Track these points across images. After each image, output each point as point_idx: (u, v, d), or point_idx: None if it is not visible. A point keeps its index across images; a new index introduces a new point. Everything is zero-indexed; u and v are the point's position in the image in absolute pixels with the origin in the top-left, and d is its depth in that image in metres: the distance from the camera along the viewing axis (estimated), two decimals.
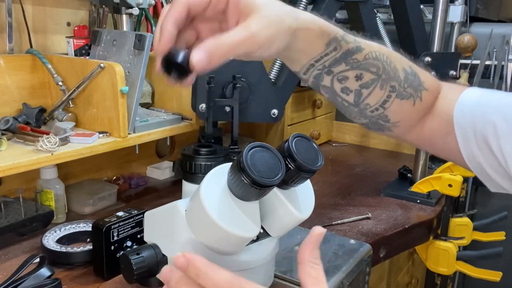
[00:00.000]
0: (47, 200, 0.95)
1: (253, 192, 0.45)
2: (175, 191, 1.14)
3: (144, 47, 0.91)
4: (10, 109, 0.95)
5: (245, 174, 0.43)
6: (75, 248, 0.80)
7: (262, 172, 0.43)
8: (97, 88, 0.92)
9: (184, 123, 1.07)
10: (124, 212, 0.77)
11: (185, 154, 0.58)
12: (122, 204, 1.09)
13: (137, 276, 0.54)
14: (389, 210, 1.07)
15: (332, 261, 0.87)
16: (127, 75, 0.92)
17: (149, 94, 1.13)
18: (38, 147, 0.80)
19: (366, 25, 1.05)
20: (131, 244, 0.76)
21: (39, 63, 0.98)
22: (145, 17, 1.16)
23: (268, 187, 0.44)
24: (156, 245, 0.56)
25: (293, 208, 0.49)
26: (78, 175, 1.13)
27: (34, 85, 0.99)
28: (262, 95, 0.95)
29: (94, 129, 0.93)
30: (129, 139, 0.93)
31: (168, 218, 0.54)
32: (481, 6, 1.44)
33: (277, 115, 0.98)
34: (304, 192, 0.52)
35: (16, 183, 0.97)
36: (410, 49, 1.15)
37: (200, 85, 0.92)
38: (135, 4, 0.97)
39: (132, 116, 0.93)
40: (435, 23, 1.25)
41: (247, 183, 0.43)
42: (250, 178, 0.43)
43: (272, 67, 1.00)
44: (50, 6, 1.06)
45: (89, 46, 1.04)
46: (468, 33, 1.34)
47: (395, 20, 1.15)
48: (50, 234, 0.84)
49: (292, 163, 0.44)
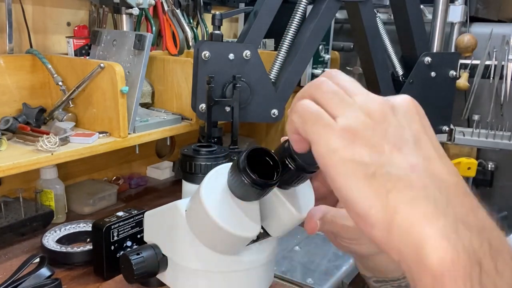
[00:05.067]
0: (47, 200, 0.95)
1: (253, 192, 0.44)
2: (175, 191, 1.14)
3: (144, 47, 0.91)
4: (10, 109, 0.95)
5: (245, 174, 0.43)
6: (75, 248, 0.80)
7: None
8: (97, 88, 0.92)
9: (184, 123, 1.07)
10: (124, 212, 0.77)
11: (185, 154, 0.58)
12: (122, 204, 1.10)
13: (137, 276, 0.54)
14: None
15: (332, 261, 0.87)
16: (127, 75, 0.92)
17: (149, 94, 1.13)
18: (38, 147, 0.80)
19: (366, 25, 1.05)
20: (131, 244, 0.76)
21: (39, 63, 0.98)
22: (145, 17, 1.16)
23: (268, 187, 0.44)
24: (156, 245, 0.56)
25: (293, 208, 0.49)
26: (78, 175, 1.13)
27: (34, 85, 0.99)
28: (262, 95, 0.95)
29: (94, 129, 0.93)
30: (129, 139, 0.93)
31: (168, 218, 0.54)
32: (481, 6, 1.44)
33: (277, 115, 0.97)
34: (304, 192, 0.52)
35: (16, 183, 0.96)
36: (410, 49, 1.15)
37: (200, 85, 0.92)
38: (135, 4, 0.97)
39: (132, 116, 0.93)
40: (435, 23, 1.25)
41: (248, 183, 0.43)
42: (251, 178, 0.43)
43: (272, 67, 1.00)
44: (50, 6, 1.06)
45: (89, 46, 1.04)
46: (468, 33, 1.34)
47: (395, 20, 1.15)
48: (50, 234, 0.84)
49: (292, 163, 0.44)
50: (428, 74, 1.14)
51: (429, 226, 0.28)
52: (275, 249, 0.57)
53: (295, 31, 0.99)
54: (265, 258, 0.55)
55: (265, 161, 0.45)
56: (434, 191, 0.30)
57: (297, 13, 0.98)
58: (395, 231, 0.29)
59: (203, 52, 0.90)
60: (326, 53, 1.27)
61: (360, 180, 0.31)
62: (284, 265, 0.84)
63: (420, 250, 0.28)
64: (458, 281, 0.27)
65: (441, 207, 0.29)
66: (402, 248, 0.29)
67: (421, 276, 0.28)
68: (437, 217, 0.28)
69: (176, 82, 1.09)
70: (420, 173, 0.30)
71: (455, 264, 0.27)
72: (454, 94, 1.19)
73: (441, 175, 0.31)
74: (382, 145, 0.31)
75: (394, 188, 0.30)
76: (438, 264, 0.27)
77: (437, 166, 0.31)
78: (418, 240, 0.28)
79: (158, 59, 1.13)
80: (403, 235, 0.29)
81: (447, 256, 0.27)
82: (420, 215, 0.29)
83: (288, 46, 0.99)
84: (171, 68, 1.10)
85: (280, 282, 0.80)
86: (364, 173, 0.31)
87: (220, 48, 0.91)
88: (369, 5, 1.04)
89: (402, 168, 0.30)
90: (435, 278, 0.27)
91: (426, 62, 1.13)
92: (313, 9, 1.01)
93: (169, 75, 1.10)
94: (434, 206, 0.29)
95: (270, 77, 0.98)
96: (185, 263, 0.53)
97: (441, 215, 0.28)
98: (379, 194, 0.30)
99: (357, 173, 0.31)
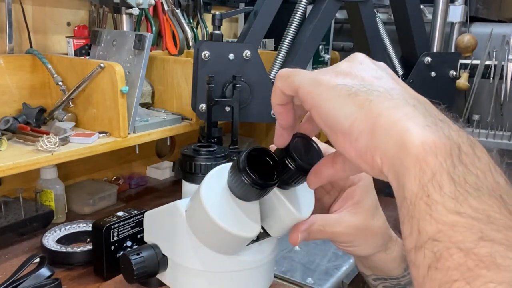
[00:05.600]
0: (47, 200, 0.95)
1: (253, 192, 0.45)
2: (175, 191, 1.14)
3: (144, 47, 0.91)
4: (10, 109, 0.95)
5: (245, 174, 0.43)
6: (75, 248, 0.80)
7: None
8: (97, 88, 0.92)
9: (184, 123, 1.07)
10: (124, 212, 0.77)
11: (185, 154, 0.58)
12: (122, 204, 1.09)
13: (137, 276, 0.54)
14: (389, 210, 1.06)
15: (332, 261, 0.87)
16: (127, 75, 0.92)
17: (149, 94, 1.13)
18: (38, 147, 0.80)
19: (366, 25, 1.05)
20: (131, 244, 0.76)
21: (39, 63, 0.98)
22: (145, 17, 1.16)
23: (268, 187, 0.44)
24: (156, 245, 0.56)
25: (293, 208, 0.49)
26: (78, 175, 1.13)
27: (34, 85, 0.99)
28: (262, 95, 0.95)
29: (94, 129, 0.93)
30: (129, 139, 0.93)
31: (168, 218, 0.54)
32: (481, 6, 1.44)
33: None
34: (304, 192, 0.51)
35: (16, 183, 0.96)
36: (410, 49, 1.15)
37: (200, 85, 0.92)
38: (135, 4, 0.97)
39: (132, 116, 0.93)
40: (435, 23, 1.25)
41: (248, 183, 0.43)
42: (251, 178, 0.43)
43: (272, 67, 1.00)
44: (50, 6, 1.06)
45: (89, 46, 1.04)
46: (468, 33, 1.34)
47: (395, 20, 1.15)
48: (50, 234, 0.84)
49: (292, 163, 0.44)
50: (428, 74, 1.14)
51: (410, 121, 0.30)
52: (275, 249, 0.57)
53: (295, 31, 0.99)
54: (265, 258, 0.55)
55: (265, 161, 0.45)
56: (413, 101, 0.32)
57: (297, 13, 0.98)
58: (379, 132, 0.31)
59: (203, 52, 0.90)
60: (326, 53, 1.27)
61: (344, 97, 0.33)
62: (284, 265, 0.84)
63: (404, 140, 0.30)
64: (439, 156, 0.28)
65: (421, 111, 0.31)
66: (386, 146, 0.31)
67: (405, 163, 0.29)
68: (417, 116, 0.31)
69: (176, 82, 1.09)
70: (399, 91, 0.33)
71: (436, 143, 0.29)
72: (454, 94, 1.19)
73: (418, 96, 0.34)
74: (362, 76, 0.35)
75: (376, 99, 0.32)
76: (420, 145, 0.29)
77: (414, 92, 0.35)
78: (401, 132, 0.30)
79: (158, 59, 1.13)
80: (387, 133, 0.31)
81: (428, 138, 0.29)
82: (402, 114, 0.31)
83: (288, 46, 0.99)
84: (171, 68, 1.10)
85: (280, 282, 0.80)
86: (348, 92, 0.33)
87: (220, 48, 0.91)
88: (369, 5, 1.04)
89: (383, 87, 0.33)
90: (418, 158, 0.29)
91: (426, 62, 1.13)
92: (313, 9, 1.01)
93: (169, 75, 1.10)
94: (414, 109, 0.31)
95: (270, 77, 0.98)
96: (185, 263, 0.53)
97: (421, 115, 0.31)
98: (362, 106, 0.32)
99: (341, 93, 0.34)
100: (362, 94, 0.33)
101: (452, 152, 0.28)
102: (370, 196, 0.51)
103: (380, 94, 0.33)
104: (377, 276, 0.56)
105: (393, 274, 0.54)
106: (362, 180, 0.51)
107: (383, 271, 0.55)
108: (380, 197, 0.54)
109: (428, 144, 0.29)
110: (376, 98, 0.32)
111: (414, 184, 0.29)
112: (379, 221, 0.52)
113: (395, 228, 1.08)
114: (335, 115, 0.34)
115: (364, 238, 0.51)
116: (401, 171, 0.30)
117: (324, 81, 0.35)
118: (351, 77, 0.34)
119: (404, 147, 0.29)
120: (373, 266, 0.55)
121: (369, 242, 0.51)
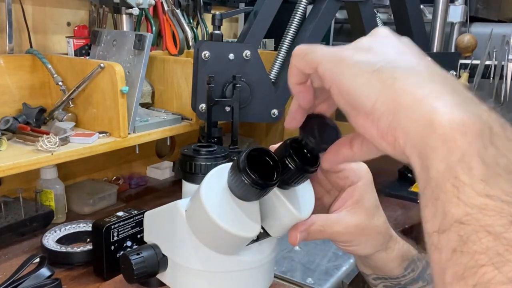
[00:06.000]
0: (47, 200, 0.95)
1: (253, 192, 0.45)
2: (175, 191, 1.14)
3: (144, 47, 0.91)
4: (10, 109, 0.95)
5: (245, 174, 0.43)
6: (75, 248, 0.80)
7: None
8: (97, 88, 0.92)
9: (184, 123, 1.07)
10: (124, 212, 0.77)
11: (185, 154, 0.58)
12: (122, 204, 1.09)
13: (137, 276, 0.54)
14: (389, 210, 1.07)
15: (332, 261, 0.87)
16: (127, 75, 0.92)
17: (149, 94, 1.13)
18: (38, 147, 0.80)
19: (366, 25, 1.05)
20: (131, 244, 0.76)
21: (39, 63, 0.98)
22: (145, 17, 1.16)
23: (268, 187, 0.44)
24: (156, 245, 0.56)
25: (293, 208, 0.49)
26: (78, 175, 1.13)
27: (34, 85, 0.99)
28: (262, 95, 0.95)
29: (94, 129, 0.93)
30: (129, 139, 0.93)
31: (168, 218, 0.54)
32: (481, 6, 1.44)
33: (277, 115, 0.97)
34: (304, 192, 0.52)
35: (16, 183, 0.96)
36: None
37: (200, 85, 0.92)
38: (135, 4, 0.97)
39: (132, 116, 0.93)
40: (435, 23, 1.25)
41: (248, 183, 0.43)
42: (251, 178, 0.43)
43: (272, 67, 1.00)
44: (50, 6, 1.06)
45: (89, 46, 1.04)
46: (468, 33, 1.34)
47: (395, 20, 1.15)
48: (50, 234, 0.84)
49: (292, 163, 0.44)
50: None
51: (437, 99, 0.28)
52: (275, 249, 0.57)
53: (295, 31, 0.99)
54: (265, 258, 0.54)
55: (265, 161, 0.45)
56: (440, 78, 0.30)
57: (297, 13, 0.98)
58: (403, 111, 0.29)
59: (203, 52, 0.90)
60: None
61: (367, 75, 0.31)
62: (284, 265, 0.84)
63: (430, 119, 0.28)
64: (469, 136, 0.26)
65: (448, 89, 0.29)
66: (411, 125, 0.29)
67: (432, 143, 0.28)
68: (444, 94, 0.29)
69: (176, 82, 1.09)
70: (425, 68, 0.31)
71: (465, 123, 0.27)
72: None
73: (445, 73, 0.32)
74: (385, 52, 0.33)
75: (401, 76, 0.31)
76: (448, 124, 0.27)
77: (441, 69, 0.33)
78: (427, 111, 0.28)
79: (158, 59, 1.13)
80: (412, 112, 0.29)
81: (457, 117, 0.27)
82: (428, 92, 0.29)
83: (288, 46, 0.99)
84: (171, 68, 1.10)
85: (280, 282, 0.80)
86: (371, 69, 0.31)
87: (220, 48, 0.91)
88: (369, 5, 1.04)
89: (407, 64, 0.32)
90: (446, 138, 0.27)
91: None
92: (313, 9, 1.01)
93: (169, 75, 1.10)
94: (441, 87, 0.29)
95: (270, 77, 0.98)
96: (185, 263, 0.53)
97: (448, 93, 0.29)
98: (385, 84, 0.31)
99: (363, 71, 0.32)
100: (385, 71, 0.31)
101: (483, 132, 0.27)
102: (370, 195, 0.51)
103: (404, 71, 0.31)
104: (377, 276, 0.56)
105: (394, 273, 0.54)
106: (362, 180, 0.51)
107: (383, 270, 0.55)
108: (380, 197, 0.53)
109: (456, 123, 0.27)
110: (400, 75, 0.31)
111: (441, 165, 0.27)
112: (379, 220, 0.52)
113: (395, 228, 1.08)
114: (357, 93, 0.32)
115: (364, 238, 0.51)
116: (427, 151, 0.28)
117: (345, 57, 0.33)
118: (373, 53, 0.33)
119: (431, 127, 0.28)
120: (373, 266, 0.55)
121: (369, 242, 0.51)
